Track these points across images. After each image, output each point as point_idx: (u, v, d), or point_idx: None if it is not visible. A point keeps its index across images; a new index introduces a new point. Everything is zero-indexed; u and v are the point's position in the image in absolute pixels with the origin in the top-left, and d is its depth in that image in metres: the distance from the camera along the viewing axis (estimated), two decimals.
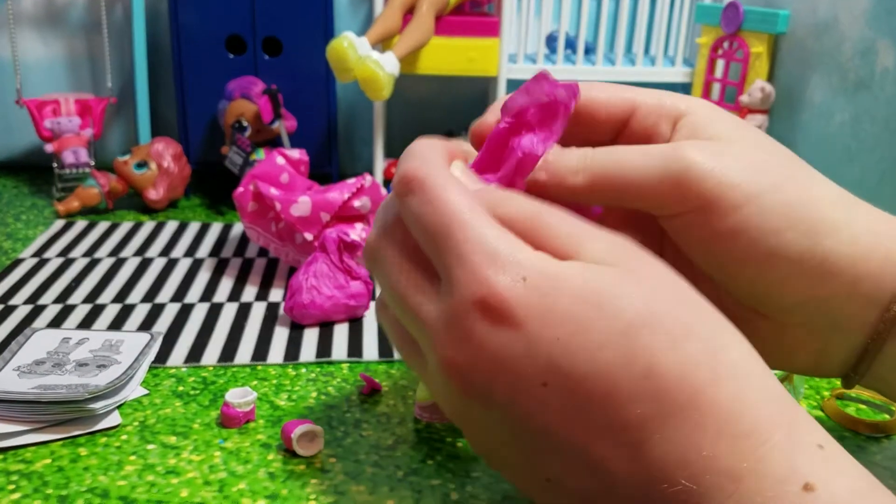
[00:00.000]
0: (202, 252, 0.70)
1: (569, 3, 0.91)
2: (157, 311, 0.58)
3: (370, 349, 0.53)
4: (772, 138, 0.34)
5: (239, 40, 0.85)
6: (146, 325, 0.55)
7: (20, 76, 0.85)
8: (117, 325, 0.55)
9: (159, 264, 0.67)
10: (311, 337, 0.55)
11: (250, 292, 0.62)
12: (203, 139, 0.87)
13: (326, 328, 0.56)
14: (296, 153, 0.69)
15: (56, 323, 0.55)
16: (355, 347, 0.53)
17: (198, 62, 0.84)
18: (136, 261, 0.68)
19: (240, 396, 0.44)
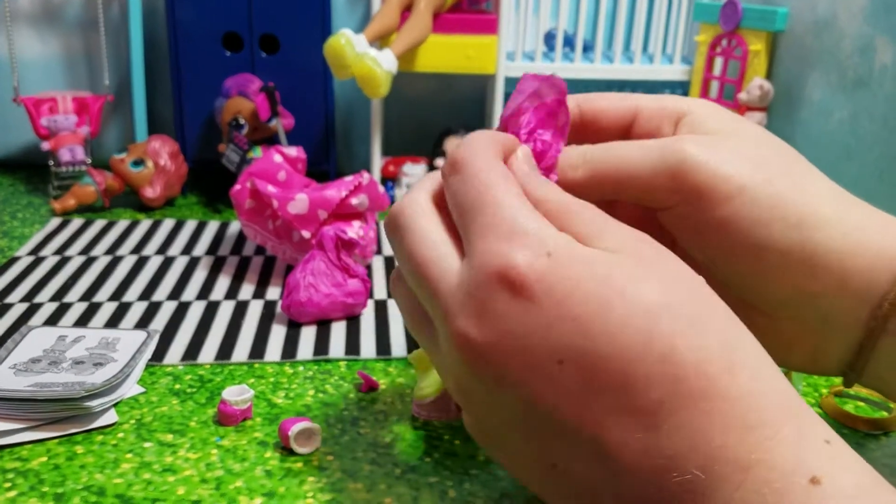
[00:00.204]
0: (199, 250, 0.70)
1: (567, 0, 0.91)
2: (153, 308, 0.58)
3: (368, 347, 0.53)
4: (771, 133, 0.35)
5: (236, 38, 0.84)
6: (143, 323, 0.55)
7: (17, 74, 0.85)
8: (114, 322, 0.55)
9: (156, 262, 0.67)
10: (308, 335, 0.54)
11: (247, 290, 0.62)
12: (200, 137, 0.86)
13: (324, 326, 0.56)
14: (293, 151, 0.69)
15: (52, 321, 0.55)
16: (353, 345, 0.53)
17: (195, 60, 0.84)
18: (133, 259, 0.67)
19: (237, 394, 0.44)
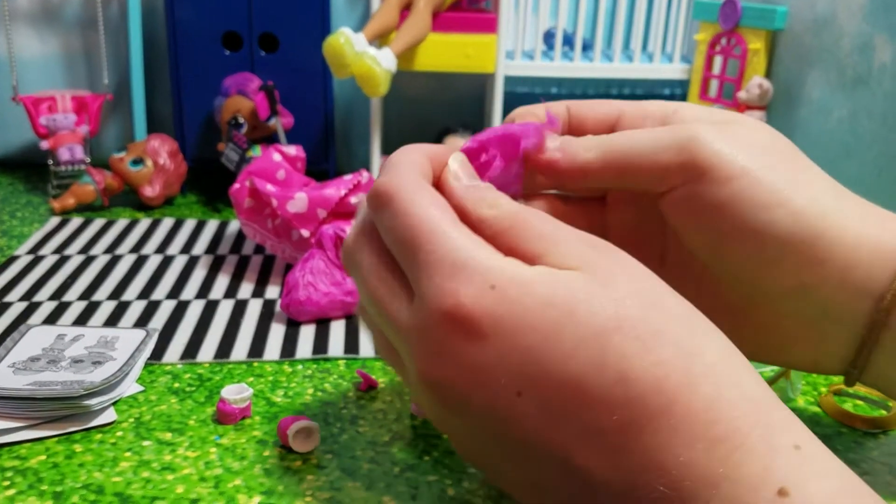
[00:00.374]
0: (198, 249, 0.70)
1: None
2: (152, 307, 0.58)
3: (367, 346, 0.53)
4: (771, 127, 0.35)
5: (235, 37, 0.84)
6: (142, 322, 0.55)
7: (16, 73, 0.85)
8: (113, 321, 0.55)
9: (155, 261, 0.67)
10: (307, 334, 0.54)
11: (246, 289, 0.62)
12: (199, 136, 0.86)
13: (323, 325, 0.56)
14: (292, 150, 0.69)
15: (51, 320, 0.55)
16: (352, 344, 0.53)
17: (194, 59, 0.84)
18: (132, 258, 0.67)
19: (236, 393, 0.44)
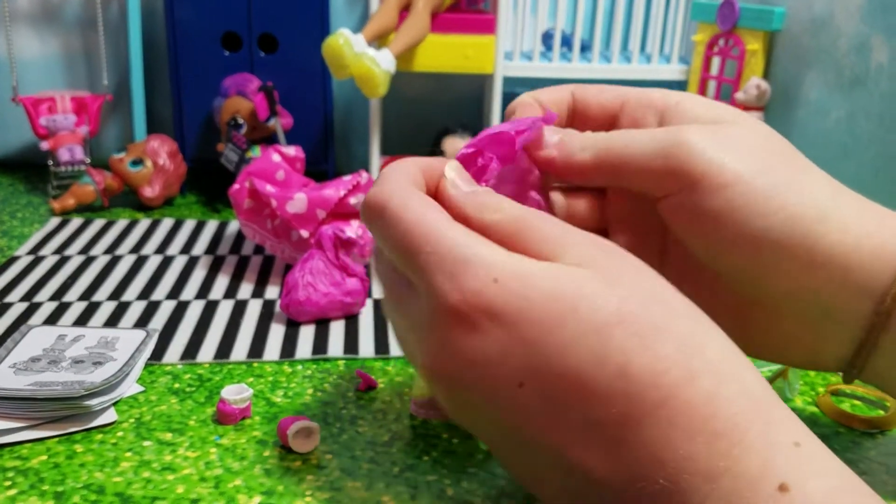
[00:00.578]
0: (198, 249, 0.70)
1: (565, 0, 0.91)
2: (152, 308, 0.58)
3: (366, 346, 0.53)
4: (769, 127, 0.35)
5: (235, 37, 0.84)
6: (142, 322, 0.55)
7: (16, 73, 0.85)
8: (113, 322, 0.55)
9: (155, 262, 0.67)
10: (307, 334, 0.55)
11: (246, 289, 0.62)
12: (199, 136, 0.86)
13: (323, 325, 0.56)
14: (292, 150, 0.69)
15: (52, 320, 0.55)
16: (351, 344, 0.53)
17: (193, 59, 0.84)
18: (132, 258, 0.67)
19: (236, 393, 0.44)
